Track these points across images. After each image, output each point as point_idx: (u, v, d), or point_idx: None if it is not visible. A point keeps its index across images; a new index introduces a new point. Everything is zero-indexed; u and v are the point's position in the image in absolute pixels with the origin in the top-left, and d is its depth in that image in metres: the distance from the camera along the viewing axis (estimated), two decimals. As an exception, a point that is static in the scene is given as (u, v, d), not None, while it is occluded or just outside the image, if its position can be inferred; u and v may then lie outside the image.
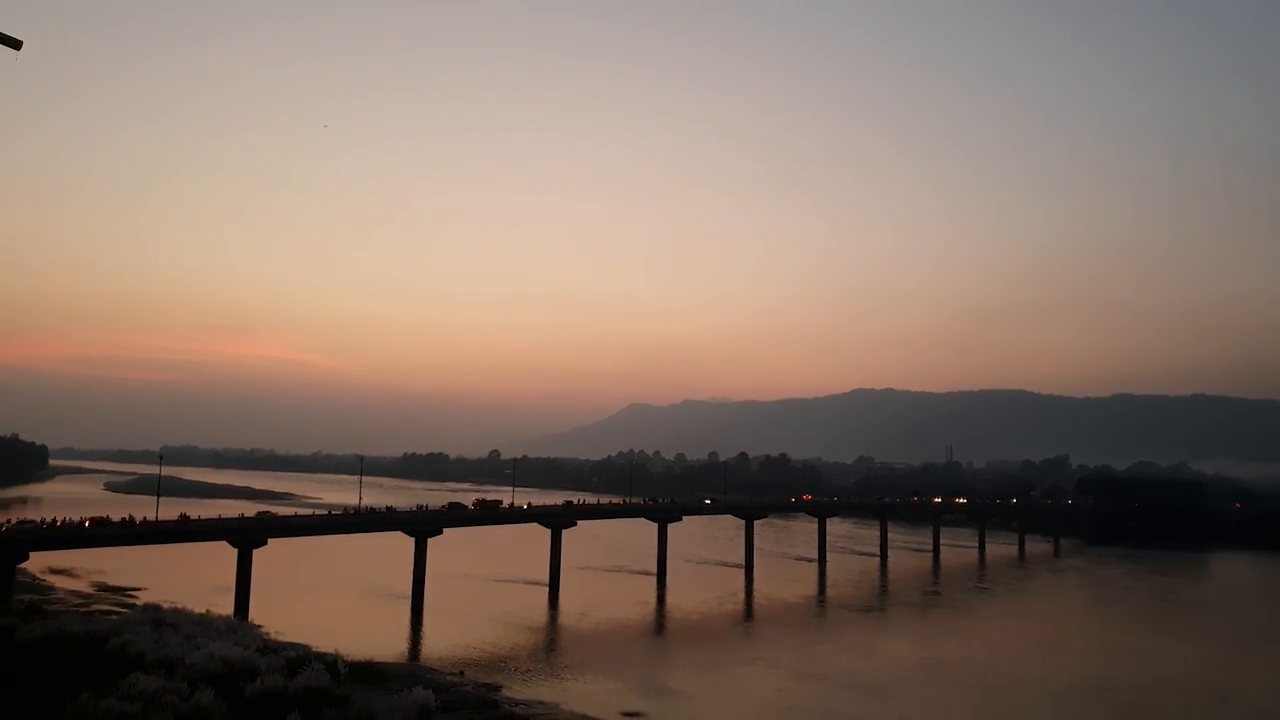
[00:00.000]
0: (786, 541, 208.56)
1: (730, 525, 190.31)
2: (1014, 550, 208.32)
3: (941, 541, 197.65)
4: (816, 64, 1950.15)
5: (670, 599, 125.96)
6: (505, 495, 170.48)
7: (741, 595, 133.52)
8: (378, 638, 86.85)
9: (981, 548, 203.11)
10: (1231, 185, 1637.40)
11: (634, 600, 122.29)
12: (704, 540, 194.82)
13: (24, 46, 25.18)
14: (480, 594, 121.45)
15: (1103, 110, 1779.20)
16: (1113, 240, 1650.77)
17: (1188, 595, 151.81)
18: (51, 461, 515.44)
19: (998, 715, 68.03)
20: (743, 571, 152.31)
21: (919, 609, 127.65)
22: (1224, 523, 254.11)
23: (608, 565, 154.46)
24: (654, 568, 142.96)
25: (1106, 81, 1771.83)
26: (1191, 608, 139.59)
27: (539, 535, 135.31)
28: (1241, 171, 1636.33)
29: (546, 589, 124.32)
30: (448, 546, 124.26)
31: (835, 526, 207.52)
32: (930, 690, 75.45)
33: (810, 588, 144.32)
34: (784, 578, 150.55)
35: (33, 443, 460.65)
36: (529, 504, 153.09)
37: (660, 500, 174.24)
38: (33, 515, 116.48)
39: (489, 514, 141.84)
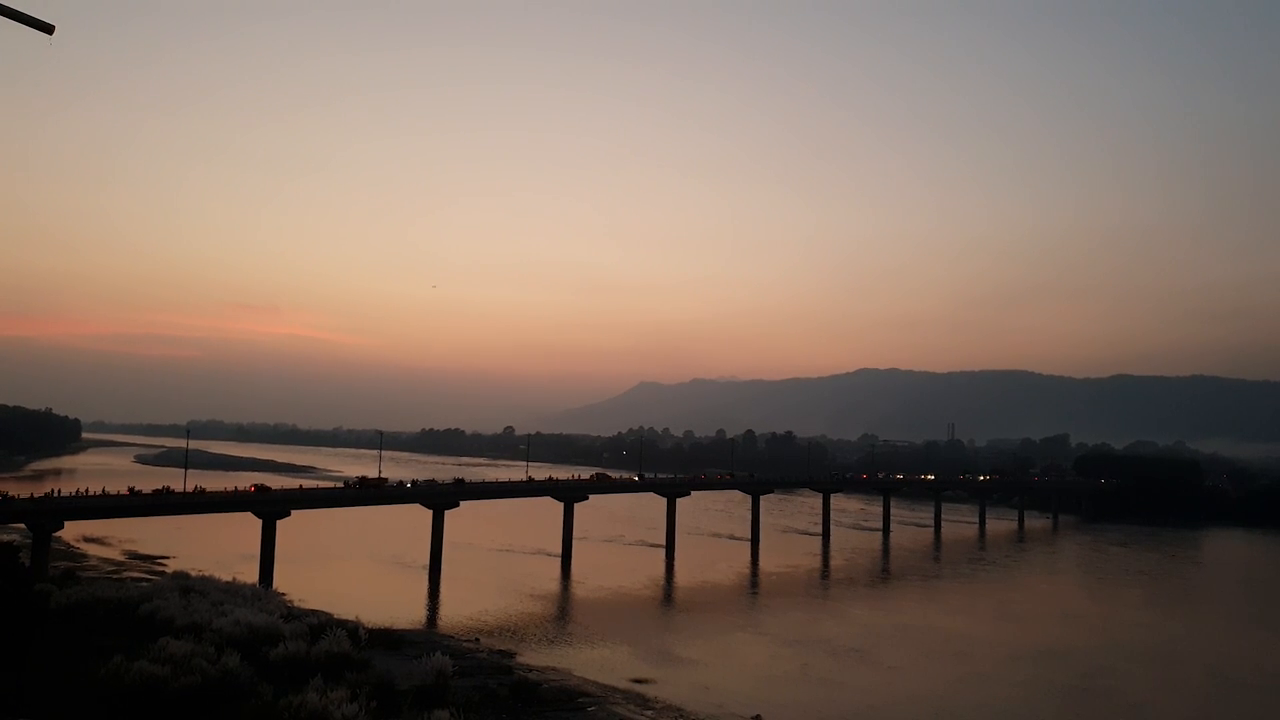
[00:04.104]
0: (792, 516, 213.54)
1: (737, 500, 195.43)
2: (1014, 526, 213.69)
3: (943, 518, 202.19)
4: (833, 53, 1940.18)
5: (678, 570, 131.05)
6: (519, 471, 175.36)
7: (747, 567, 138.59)
8: (397, 606, 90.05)
9: (982, 524, 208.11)
10: (1224, 172, 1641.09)
11: (643, 571, 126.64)
12: (711, 514, 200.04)
13: (62, 31, 23.28)
14: (495, 564, 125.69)
15: (1104, 91, 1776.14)
16: (1110, 223, 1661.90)
17: (1174, 570, 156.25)
18: (84, 435, 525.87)
19: (965, 678, 72.85)
20: (748, 545, 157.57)
21: (916, 582, 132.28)
22: (1220, 500, 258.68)
23: (618, 538, 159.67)
24: (663, 540, 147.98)
25: (1097, 71, 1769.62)
26: (1175, 582, 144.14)
27: (552, 509, 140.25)
28: (1235, 157, 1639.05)
29: (559, 560, 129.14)
30: (464, 519, 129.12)
31: (839, 502, 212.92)
32: (909, 656, 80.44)
33: (814, 561, 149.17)
34: (788, 551, 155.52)
35: (66, 416, 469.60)
36: (551, 477, 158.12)
37: (675, 476, 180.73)
38: (66, 486, 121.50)
39: (503, 487, 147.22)
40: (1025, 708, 65.99)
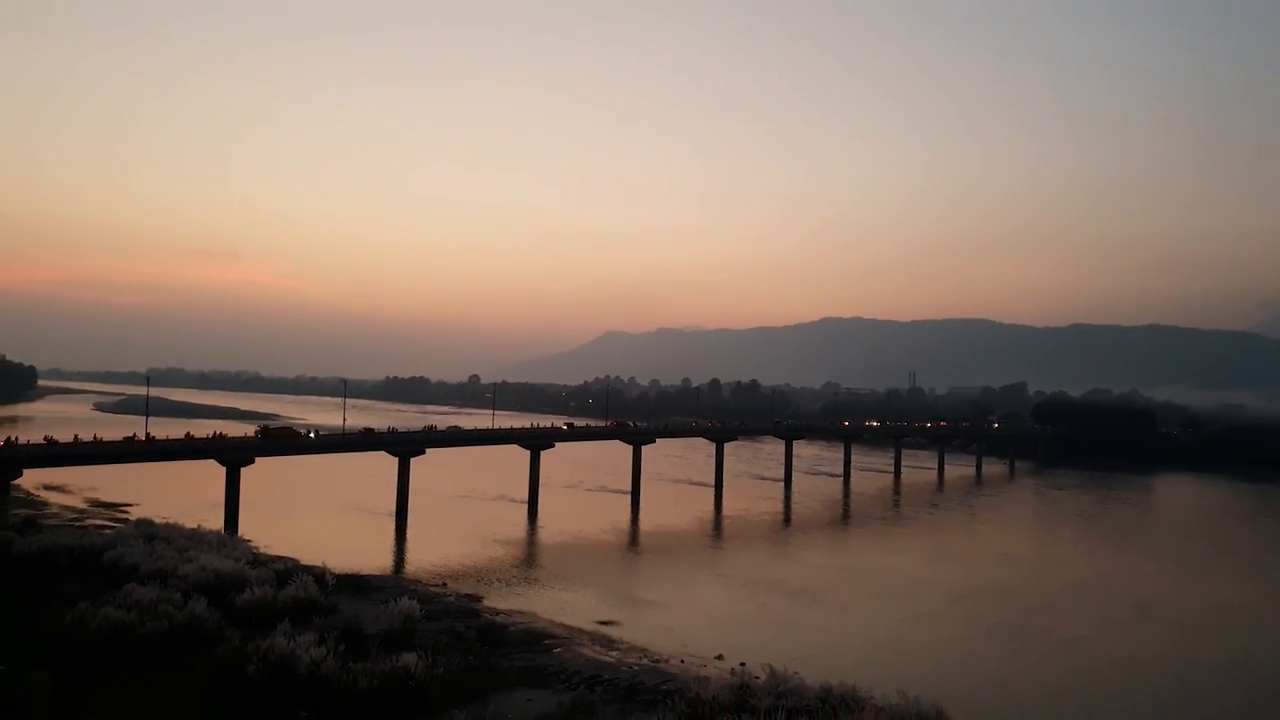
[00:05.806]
0: (754, 463, 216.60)
1: (702, 447, 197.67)
2: (972, 472, 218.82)
3: (903, 464, 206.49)
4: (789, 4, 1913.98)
5: (643, 516, 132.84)
6: (485, 420, 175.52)
7: (710, 513, 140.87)
8: (363, 552, 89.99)
9: (941, 470, 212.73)
10: (1181, 123, 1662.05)
11: (609, 517, 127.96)
12: (676, 461, 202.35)
13: None
14: (462, 511, 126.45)
15: (1063, 49, 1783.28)
16: (1072, 176, 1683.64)
17: (1114, 513, 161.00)
18: (40, 382, 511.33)
19: (912, 617, 75.63)
20: (712, 491, 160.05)
21: (872, 526, 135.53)
22: (1171, 446, 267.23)
23: (584, 485, 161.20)
24: (629, 487, 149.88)
25: (1057, 25, 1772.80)
26: (1114, 523, 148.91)
27: (519, 456, 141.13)
28: (1193, 109, 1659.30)
29: (525, 506, 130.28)
30: (430, 466, 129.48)
31: (802, 449, 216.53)
32: (862, 597, 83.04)
33: (775, 506, 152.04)
34: (751, 497, 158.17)
35: (21, 364, 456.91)
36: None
37: (640, 424, 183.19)
38: (24, 434, 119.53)
39: (470, 434, 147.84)
40: (968, 643, 68.98)
